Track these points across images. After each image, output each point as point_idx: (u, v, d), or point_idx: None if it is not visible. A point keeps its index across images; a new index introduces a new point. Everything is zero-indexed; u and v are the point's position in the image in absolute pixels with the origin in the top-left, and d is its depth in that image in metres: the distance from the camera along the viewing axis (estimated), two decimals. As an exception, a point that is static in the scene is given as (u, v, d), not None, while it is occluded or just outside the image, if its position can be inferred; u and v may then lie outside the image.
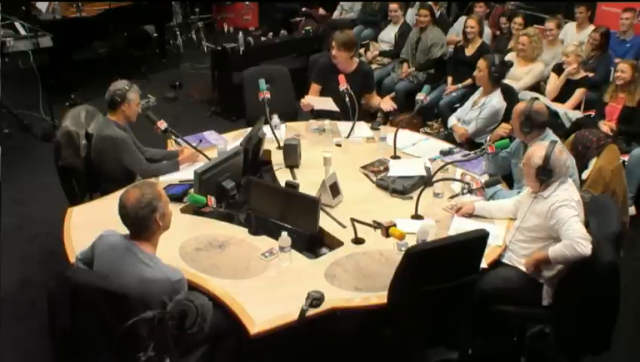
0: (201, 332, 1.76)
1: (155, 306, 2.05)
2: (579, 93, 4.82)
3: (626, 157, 4.13)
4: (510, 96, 4.25)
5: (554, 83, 4.96)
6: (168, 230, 2.58)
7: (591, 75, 4.97)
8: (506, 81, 4.93)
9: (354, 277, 2.55)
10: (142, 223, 2.21)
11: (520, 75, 5.12)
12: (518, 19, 5.77)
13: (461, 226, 2.86)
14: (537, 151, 2.69)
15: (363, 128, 4.02)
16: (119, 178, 3.26)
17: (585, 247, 2.51)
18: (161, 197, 2.25)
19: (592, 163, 3.38)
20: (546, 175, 2.66)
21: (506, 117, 4.06)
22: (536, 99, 3.39)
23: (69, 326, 2.17)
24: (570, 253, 2.54)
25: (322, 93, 4.28)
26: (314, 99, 4.17)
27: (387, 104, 4.25)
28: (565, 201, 2.62)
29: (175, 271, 2.25)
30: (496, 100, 4.00)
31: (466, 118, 4.15)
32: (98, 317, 2.10)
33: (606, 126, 4.30)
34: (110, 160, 3.31)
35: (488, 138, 3.83)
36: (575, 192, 2.72)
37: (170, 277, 2.19)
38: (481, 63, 4.03)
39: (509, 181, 3.41)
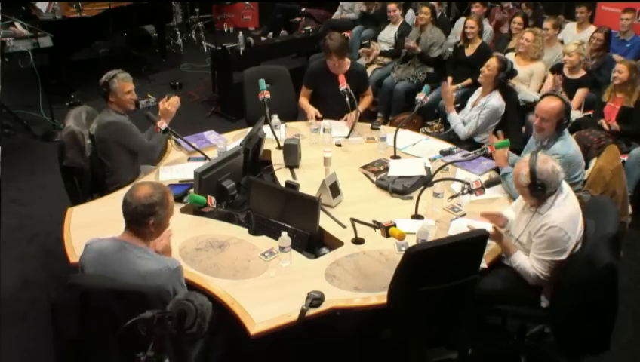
0: (200, 332, 1.76)
1: (167, 296, 2.07)
2: (581, 93, 4.81)
3: (625, 157, 4.13)
4: (510, 95, 4.26)
5: (553, 84, 4.96)
6: (169, 230, 2.58)
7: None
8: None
9: (354, 277, 2.55)
10: (136, 219, 2.22)
11: (520, 75, 5.11)
12: (518, 19, 5.78)
13: (461, 226, 2.86)
14: (522, 168, 2.59)
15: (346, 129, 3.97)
16: (125, 163, 3.39)
17: (532, 282, 2.64)
18: (165, 207, 2.25)
19: (592, 163, 3.38)
20: (539, 190, 2.56)
21: (506, 116, 4.09)
22: (547, 95, 3.38)
23: (77, 334, 2.14)
24: (523, 273, 2.65)
25: (316, 97, 4.29)
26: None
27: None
28: (559, 232, 2.53)
29: (172, 260, 2.28)
30: (495, 99, 4.02)
31: (465, 119, 4.16)
32: (111, 319, 2.08)
33: (607, 125, 4.31)
34: (113, 145, 3.37)
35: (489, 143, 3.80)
36: (565, 209, 2.59)
37: (169, 265, 2.22)
38: (492, 63, 4.00)
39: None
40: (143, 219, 2.21)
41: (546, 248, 2.57)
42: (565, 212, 2.58)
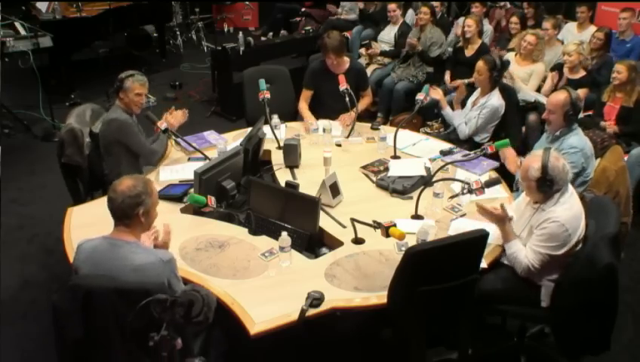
0: (206, 322, 1.79)
1: (166, 289, 2.08)
2: (581, 93, 4.79)
3: (625, 157, 4.13)
4: (509, 95, 4.27)
5: (551, 82, 4.96)
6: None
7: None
8: (507, 80, 4.95)
9: (354, 277, 2.55)
10: (125, 212, 2.23)
11: (520, 75, 5.12)
12: (514, 19, 5.79)
13: (461, 226, 2.86)
14: (533, 162, 2.58)
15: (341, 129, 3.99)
16: (127, 163, 3.39)
17: (521, 272, 2.66)
18: (150, 195, 2.27)
19: (596, 163, 3.39)
20: (547, 186, 2.56)
21: (505, 117, 4.09)
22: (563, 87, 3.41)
23: (81, 335, 2.14)
24: (515, 262, 2.66)
25: (317, 97, 4.29)
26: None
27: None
28: (561, 228, 2.53)
29: (164, 252, 2.28)
30: (495, 99, 4.04)
31: (465, 119, 4.16)
32: (116, 318, 2.09)
33: (610, 127, 4.31)
34: (114, 143, 3.40)
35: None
36: (573, 207, 2.61)
37: (161, 257, 2.22)
38: (481, 67, 4.02)
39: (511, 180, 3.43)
40: (132, 211, 2.22)
41: (545, 241, 2.58)
42: (571, 210, 2.59)
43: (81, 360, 2.19)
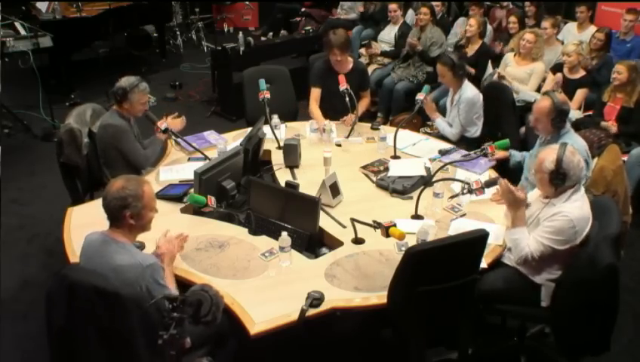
0: (214, 322, 1.79)
1: (143, 295, 2.09)
2: (581, 93, 4.80)
3: (625, 157, 4.13)
4: (503, 95, 4.28)
5: (551, 83, 4.96)
6: (169, 231, 2.58)
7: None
8: (506, 80, 4.95)
9: (354, 277, 2.55)
10: (113, 213, 2.25)
11: (520, 75, 5.12)
12: (513, 19, 5.79)
13: (461, 226, 2.86)
14: (549, 155, 2.59)
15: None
16: (120, 166, 3.40)
17: (518, 259, 2.66)
18: (141, 198, 2.25)
19: (593, 163, 3.38)
20: (560, 179, 2.56)
21: (501, 116, 4.13)
22: (547, 93, 3.39)
23: (64, 325, 2.16)
24: (515, 248, 2.65)
25: (322, 95, 4.29)
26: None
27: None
28: (570, 223, 2.53)
29: (146, 257, 2.28)
30: (468, 91, 4.05)
31: (450, 120, 4.17)
32: (93, 315, 2.10)
33: (612, 126, 4.31)
34: (110, 148, 3.43)
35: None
36: (584, 206, 2.62)
37: (141, 261, 2.21)
38: (441, 69, 4.05)
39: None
40: (119, 213, 2.23)
41: (551, 233, 2.57)
42: (581, 209, 2.59)
43: (66, 350, 2.21)
